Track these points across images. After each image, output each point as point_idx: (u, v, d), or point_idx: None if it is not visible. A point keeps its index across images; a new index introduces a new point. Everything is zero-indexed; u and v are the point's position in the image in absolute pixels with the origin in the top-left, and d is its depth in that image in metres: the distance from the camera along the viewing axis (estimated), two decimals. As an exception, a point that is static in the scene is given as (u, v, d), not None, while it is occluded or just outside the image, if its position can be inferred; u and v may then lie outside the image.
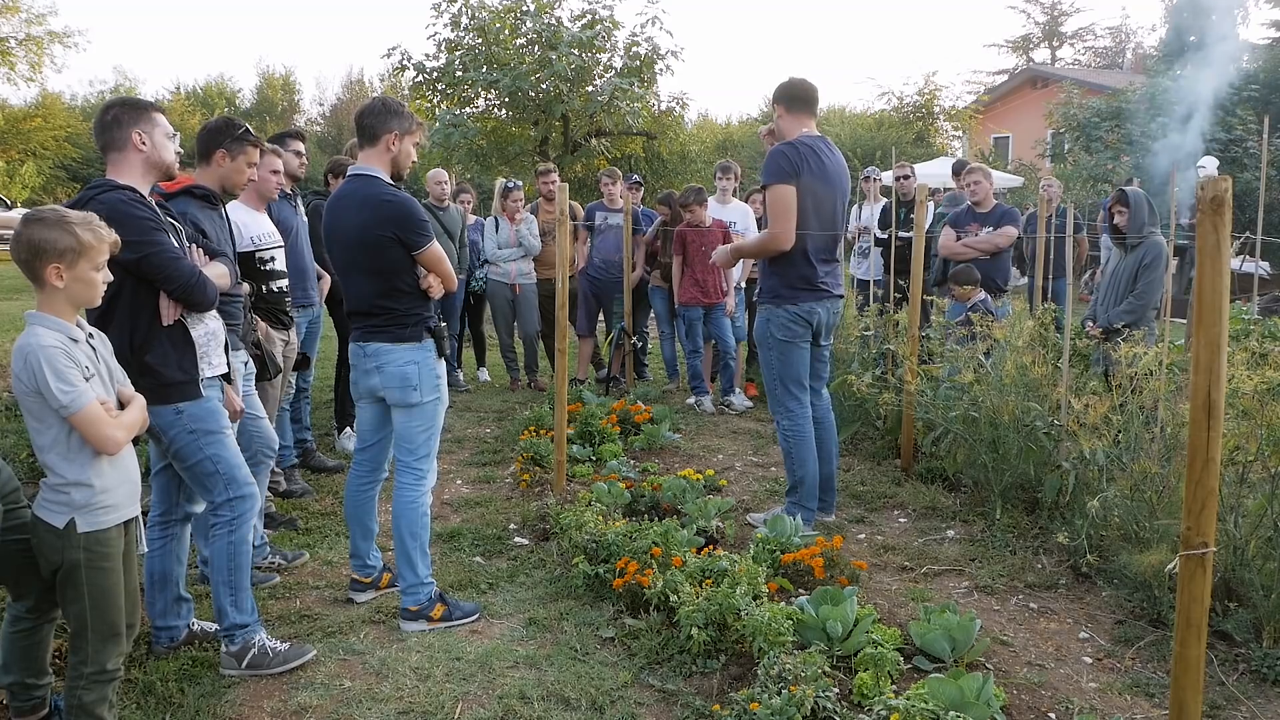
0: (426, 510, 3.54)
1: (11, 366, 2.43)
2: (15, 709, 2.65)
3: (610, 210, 7.60)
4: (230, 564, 3.10)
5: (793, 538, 3.92)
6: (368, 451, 3.69)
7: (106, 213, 2.71)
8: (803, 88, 4.32)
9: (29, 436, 2.47)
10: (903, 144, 22.31)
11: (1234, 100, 16.12)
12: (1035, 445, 4.36)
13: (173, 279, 2.91)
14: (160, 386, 2.91)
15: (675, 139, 16.82)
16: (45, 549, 2.45)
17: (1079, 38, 41.80)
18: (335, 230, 3.45)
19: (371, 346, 3.45)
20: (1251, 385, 3.20)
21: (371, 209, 3.33)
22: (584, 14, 14.26)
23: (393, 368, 3.42)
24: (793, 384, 4.37)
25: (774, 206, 4.18)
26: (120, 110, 2.92)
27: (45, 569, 2.48)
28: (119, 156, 2.92)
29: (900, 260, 6.28)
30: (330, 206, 3.49)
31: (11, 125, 27.67)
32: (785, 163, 4.16)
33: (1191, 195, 5.74)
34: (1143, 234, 5.34)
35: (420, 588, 3.48)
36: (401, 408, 3.48)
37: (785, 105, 4.32)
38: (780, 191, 4.16)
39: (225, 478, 3.08)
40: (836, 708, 2.72)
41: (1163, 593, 3.39)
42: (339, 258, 3.48)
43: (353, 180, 3.43)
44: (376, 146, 3.41)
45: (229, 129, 3.57)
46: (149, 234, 2.85)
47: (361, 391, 3.58)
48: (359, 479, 3.71)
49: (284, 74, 40.87)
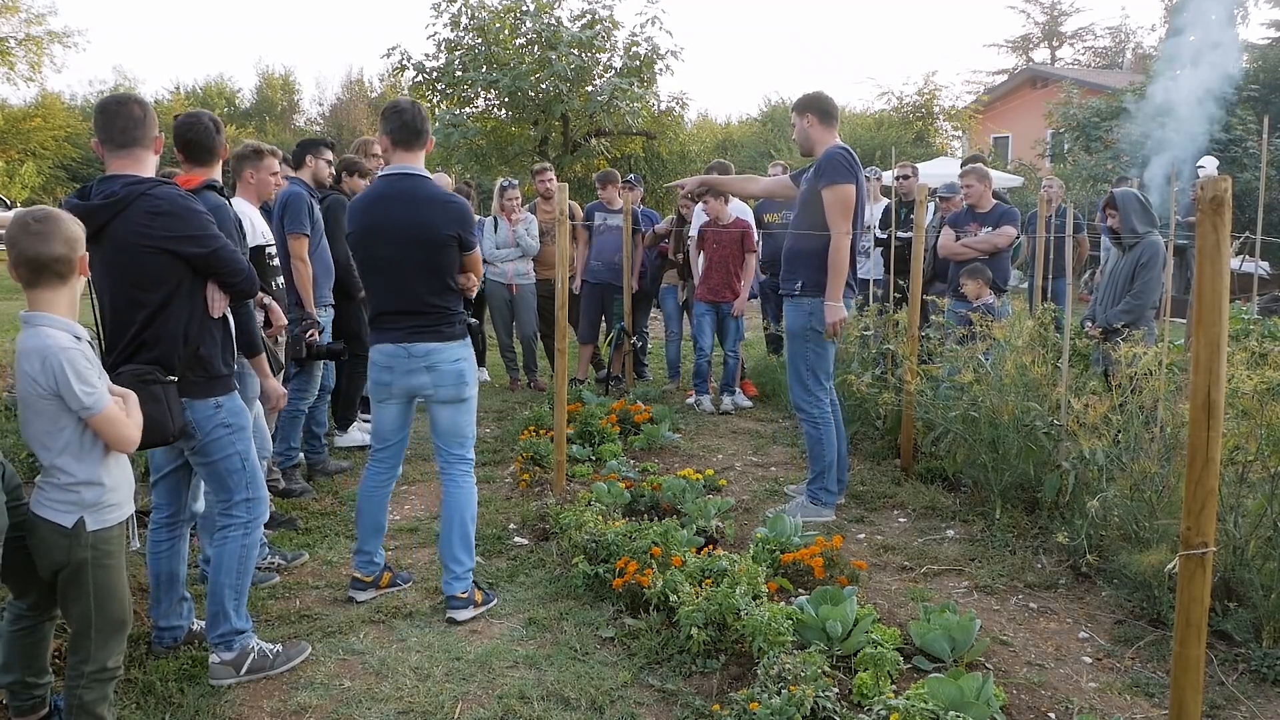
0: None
1: (19, 368, 2.39)
2: (15, 708, 2.65)
3: (609, 211, 7.60)
4: (239, 567, 3.08)
5: (793, 538, 3.92)
6: (388, 450, 3.70)
7: (169, 208, 2.75)
8: (832, 102, 4.63)
9: (33, 437, 2.43)
10: (902, 144, 22.30)
11: (1234, 100, 16.12)
12: (1035, 445, 4.36)
13: (236, 273, 2.94)
14: (209, 380, 2.94)
15: (675, 139, 16.83)
16: (50, 549, 2.44)
17: (1079, 38, 41.80)
18: (382, 227, 3.42)
19: (420, 347, 3.47)
20: (1251, 385, 3.20)
21: (439, 207, 3.42)
22: (584, 14, 14.27)
23: (446, 366, 3.49)
24: (824, 375, 4.61)
25: (838, 206, 4.40)
26: (146, 109, 2.90)
27: (46, 569, 2.47)
28: (142, 154, 2.87)
29: (900, 260, 6.28)
30: (371, 204, 3.48)
31: (11, 125, 27.67)
32: (846, 164, 4.43)
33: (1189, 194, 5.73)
34: (1137, 234, 5.34)
35: (469, 574, 3.60)
36: (453, 404, 3.56)
37: (819, 117, 4.57)
38: (845, 191, 4.41)
39: (249, 476, 3.08)
40: (836, 708, 2.72)
41: (1162, 593, 3.39)
42: (383, 255, 3.44)
43: (401, 178, 3.46)
44: (420, 149, 3.49)
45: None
46: (210, 228, 2.87)
47: (394, 392, 3.57)
48: (377, 475, 3.71)
49: (284, 74, 40.87)
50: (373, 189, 3.55)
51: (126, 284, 2.79)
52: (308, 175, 5.41)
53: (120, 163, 2.84)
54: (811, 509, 4.65)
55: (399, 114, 3.47)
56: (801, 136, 4.62)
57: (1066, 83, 20.59)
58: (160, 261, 2.77)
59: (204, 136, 3.35)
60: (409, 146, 3.47)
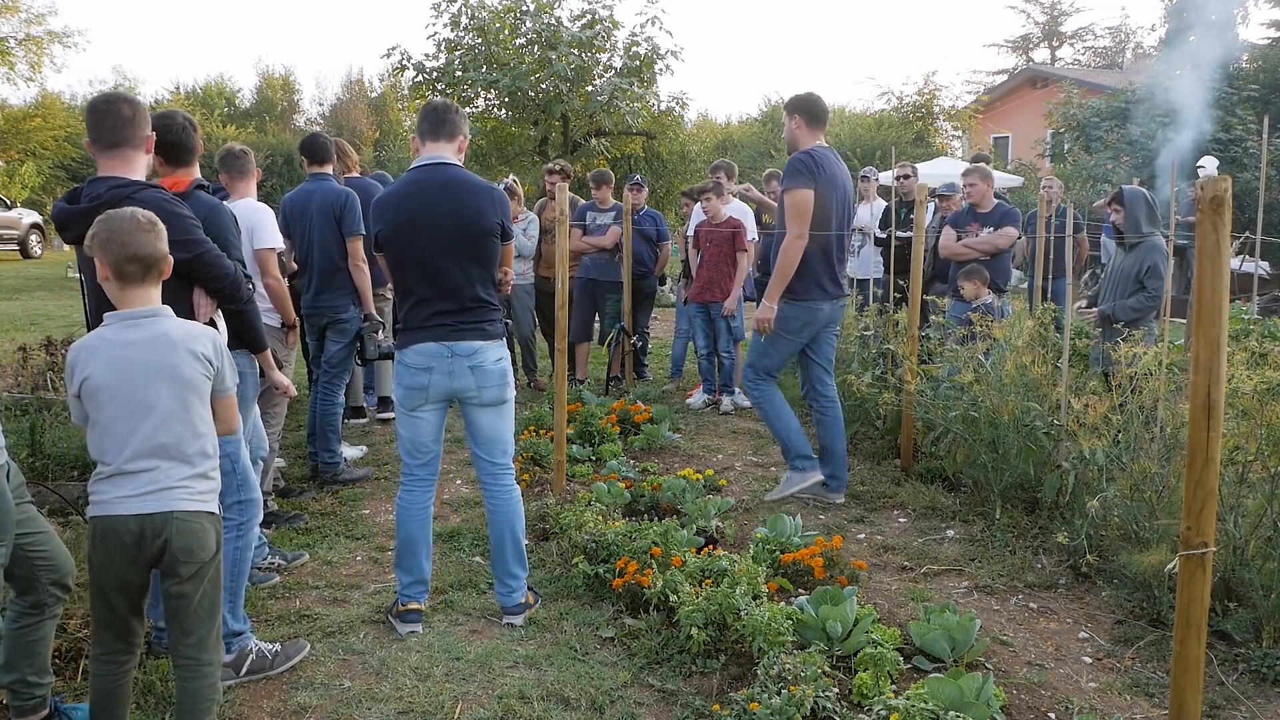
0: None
1: (189, 348, 2.37)
2: (15, 708, 2.65)
3: (601, 211, 7.60)
4: (234, 569, 3.07)
5: (793, 538, 3.92)
6: (429, 465, 3.47)
7: (153, 212, 2.72)
8: (821, 105, 4.68)
9: (186, 426, 2.38)
10: (902, 144, 22.29)
11: (1234, 100, 16.12)
12: (1035, 445, 4.36)
13: (222, 277, 2.90)
14: None
15: (675, 139, 16.85)
16: (208, 540, 2.39)
17: (1079, 38, 41.79)
18: (422, 219, 3.26)
19: (464, 345, 3.31)
20: (1251, 385, 3.20)
21: (485, 195, 3.32)
22: (584, 14, 14.28)
23: (491, 365, 3.35)
24: (769, 370, 4.84)
25: (792, 209, 4.50)
26: (136, 108, 2.85)
27: (190, 568, 2.36)
28: (131, 154, 2.83)
29: (900, 260, 6.28)
30: (406, 195, 3.31)
31: (11, 125, 27.62)
32: (804, 168, 4.51)
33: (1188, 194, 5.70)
34: (1141, 233, 5.33)
35: (524, 582, 3.55)
36: (495, 405, 3.42)
37: (805, 119, 4.63)
38: (800, 195, 4.48)
39: (240, 478, 3.07)
40: (836, 708, 2.72)
41: (1162, 593, 3.39)
42: (424, 247, 3.26)
43: (436, 168, 3.32)
44: (454, 142, 3.38)
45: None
46: (195, 232, 2.84)
47: (430, 396, 3.35)
48: (423, 495, 3.47)
49: (284, 74, 40.83)
50: (406, 180, 3.37)
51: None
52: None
53: (110, 163, 2.81)
54: (797, 477, 4.84)
55: (426, 105, 3.42)
56: (789, 136, 4.72)
57: (1066, 83, 20.59)
58: None
59: (183, 137, 3.29)
60: (436, 136, 3.34)
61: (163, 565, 2.37)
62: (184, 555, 2.35)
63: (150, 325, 2.38)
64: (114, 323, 2.39)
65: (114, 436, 2.33)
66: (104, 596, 2.37)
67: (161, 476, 2.33)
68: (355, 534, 4.46)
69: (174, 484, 2.34)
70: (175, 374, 2.36)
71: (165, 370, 2.35)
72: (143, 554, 2.32)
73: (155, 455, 2.33)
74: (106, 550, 2.32)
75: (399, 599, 3.48)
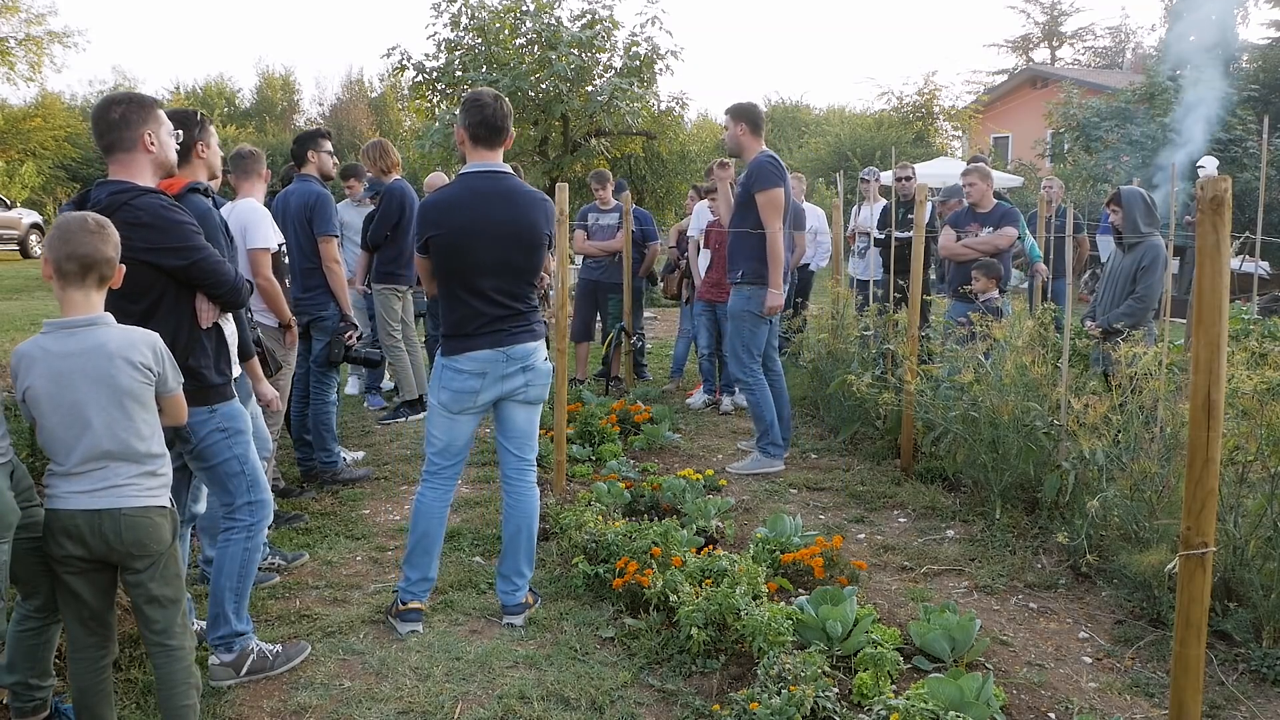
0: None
1: (125, 358, 2.38)
2: (16, 710, 2.64)
3: (602, 212, 7.59)
4: (241, 570, 3.06)
5: (793, 538, 3.92)
6: (456, 465, 3.50)
7: (148, 219, 2.70)
8: (761, 115, 5.41)
9: (130, 432, 2.40)
10: (902, 144, 22.31)
11: (1234, 100, 16.12)
12: (1035, 445, 4.36)
13: (221, 283, 2.89)
14: (201, 390, 2.89)
15: (675, 139, 16.85)
16: (158, 533, 2.44)
17: (1079, 38, 41.76)
18: (479, 227, 3.27)
19: (519, 349, 3.37)
20: (1251, 385, 3.20)
21: (539, 206, 3.41)
22: (584, 14, 14.28)
23: (540, 364, 3.45)
24: (757, 352, 5.41)
25: (769, 207, 5.14)
26: (127, 108, 2.80)
27: (145, 561, 2.43)
28: (127, 157, 2.79)
29: (900, 260, 6.28)
30: (460, 204, 3.30)
31: (11, 125, 27.63)
32: (776, 170, 5.18)
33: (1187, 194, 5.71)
34: (1140, 233, 5.33)
35: (528, 582, 3.58)
36: (535, 405, 3.52)
37: (750, 127, 5.26)
38: (775, 194, 5.15)
39: (250, 479, 3.06)
40: (836, 708, 2.72)
41: (1162, 593, 3.39)
42: (483, 256, 3.28)
43: (492, 176, 3.35)
44: (500, 147, 3.42)
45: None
46: (192, 239, 2.81)
47: (479, 401, 3.38)
48: (445, 493, 3.50)
49: (284, 74, 40.82)
50: (463, 188, 3.35)
51: (112, 293, 2.77)
52: (314, 170, 5.17)
53: (114, 167, 2.81)
54: (764, 460, 5.45)
55: (480, 108, 3.33)
56: (732, 140, 5.31)
57: (1066, 83, 20.58)
58: (142, 272, 2.72)
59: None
60: (491, 145, 3.36)
61: (118, 559, 2.43)
62: (137, 549, 2.42)
63: (87, 335, 2.38)
64: (53, 330, 2.40)
65: (60, 442, 2.39)
66: (69, 590, 2.44)
67: (111, 475, 2.40)
68: (355, 534, 4.46)
69: (122, 481, 2.41)
70: (113, 384, 2.38)
71: (102, 381, 2.37)
72: (94, 548, 2.39)
73: (102, 459, 2.39)
74: (59, 545, 2.39)
75: (400, 597, 3.48)
